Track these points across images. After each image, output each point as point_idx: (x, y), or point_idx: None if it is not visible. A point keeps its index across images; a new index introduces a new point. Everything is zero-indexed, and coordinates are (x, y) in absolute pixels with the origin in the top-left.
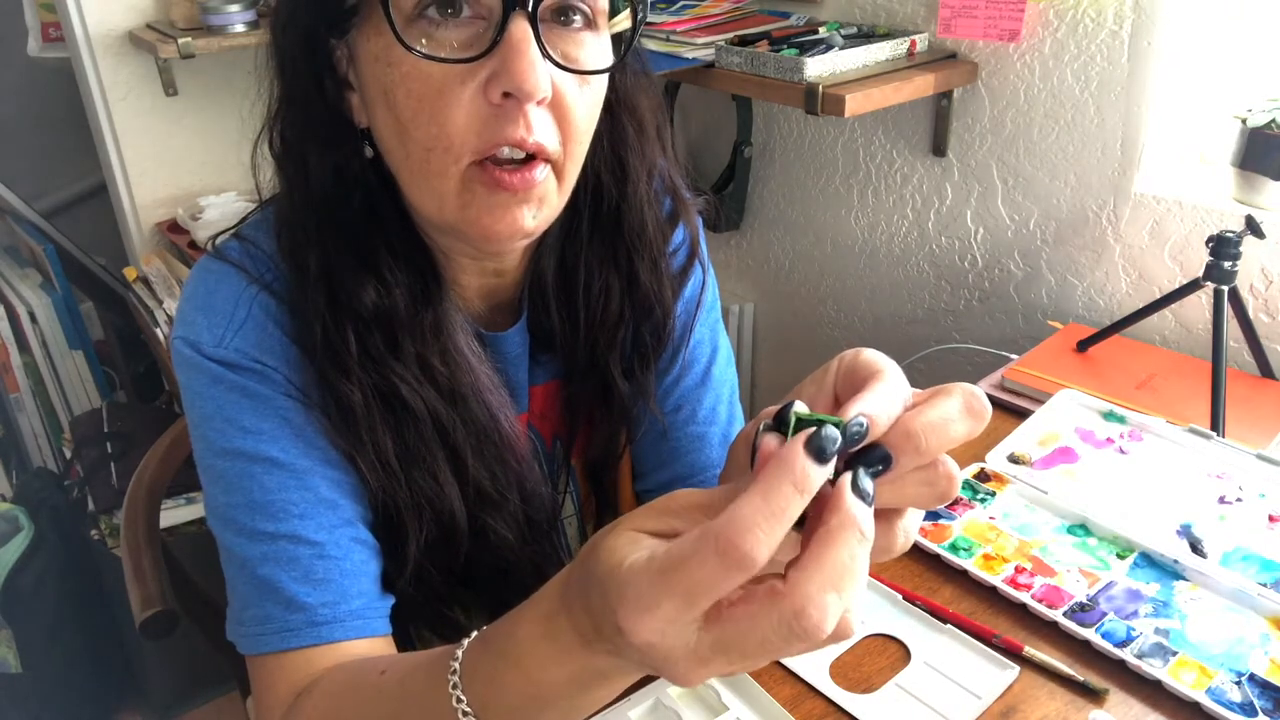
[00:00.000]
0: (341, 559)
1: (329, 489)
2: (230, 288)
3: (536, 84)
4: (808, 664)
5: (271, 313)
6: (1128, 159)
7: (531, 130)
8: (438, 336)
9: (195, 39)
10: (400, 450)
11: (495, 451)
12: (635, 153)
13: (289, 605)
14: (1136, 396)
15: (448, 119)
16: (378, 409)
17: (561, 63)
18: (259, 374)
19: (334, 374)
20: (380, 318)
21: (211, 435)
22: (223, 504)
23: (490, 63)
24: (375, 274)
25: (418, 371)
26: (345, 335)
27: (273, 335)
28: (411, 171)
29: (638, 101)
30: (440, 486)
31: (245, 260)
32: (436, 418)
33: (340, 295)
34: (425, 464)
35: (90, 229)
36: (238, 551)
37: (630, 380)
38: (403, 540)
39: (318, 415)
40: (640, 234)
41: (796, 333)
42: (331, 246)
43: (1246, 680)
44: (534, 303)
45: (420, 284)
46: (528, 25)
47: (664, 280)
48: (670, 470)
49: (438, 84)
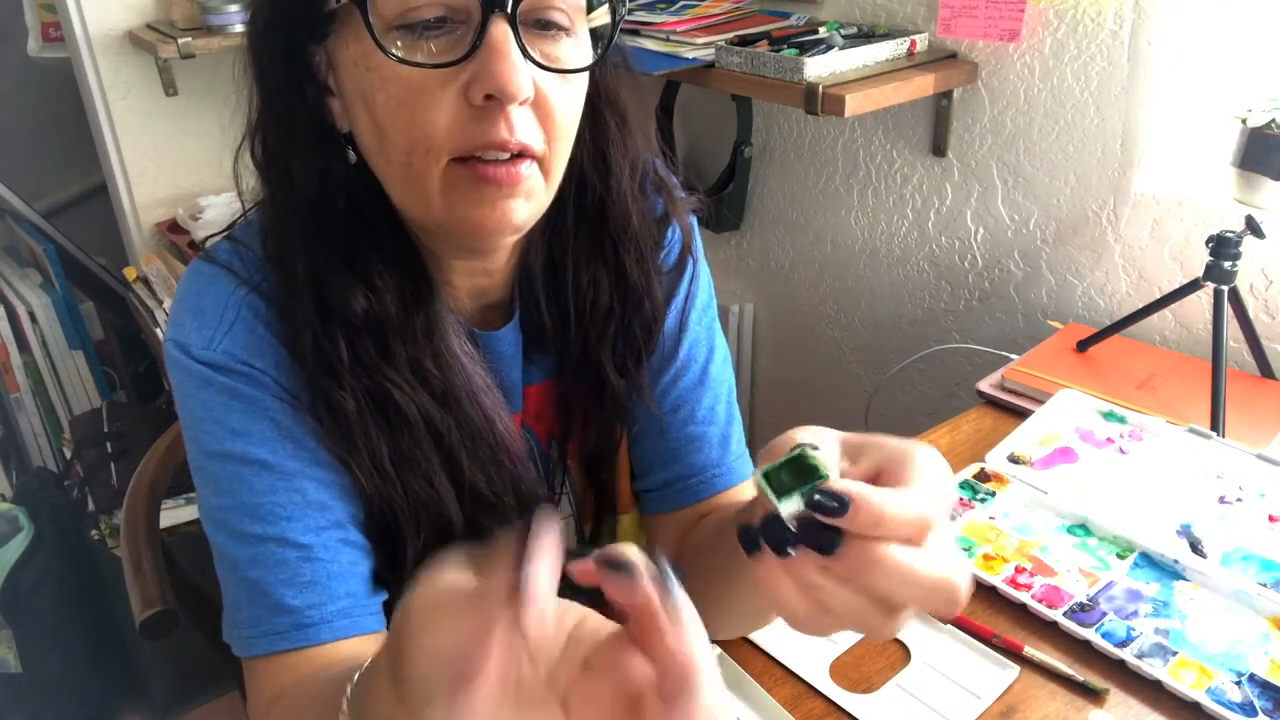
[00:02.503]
0: (329, 561)
1: (317, 490)
2: (219, 290)
3: (519, 85)
4: (808, 664)
5: (261, 314)
6: (1128, 159)
7: (514, 131)
8: (430, 339)
9: (195, 39)
10: (395, 455)
11: (490, 453)
12: (617, 146)
13: (276, 609)
14: (1136, 396)
15: (428, 121)
16: (371, 415)
17: (542, 63)
18: (247, 376)
19: (326, 381)
20: (371, 323)
21: (202, 437)
22: (214, 506)
23: (471, 65)
24: (364, 279)
25: (410, 376)
26: (336, 342)
27: (262, 337)
28: (394, 175)
29: (619, 95)
30: (436, 491)
31: (235, 262)
32: (430, 421)
33: (330, 302)
34: (420, 468)
35: (90, 229)
36: (228, 553)
37: (624, 375)
38: (400, 545)
39: (307, 417)
40: (625, 227)
41: (796, 333)
42: (319, 253)
43: (1246, 680)
44: (524, 300)
45: (410, 286)
46: (508, 27)
47: (652, 274)
48: (670, 470)
49: (418, 87)
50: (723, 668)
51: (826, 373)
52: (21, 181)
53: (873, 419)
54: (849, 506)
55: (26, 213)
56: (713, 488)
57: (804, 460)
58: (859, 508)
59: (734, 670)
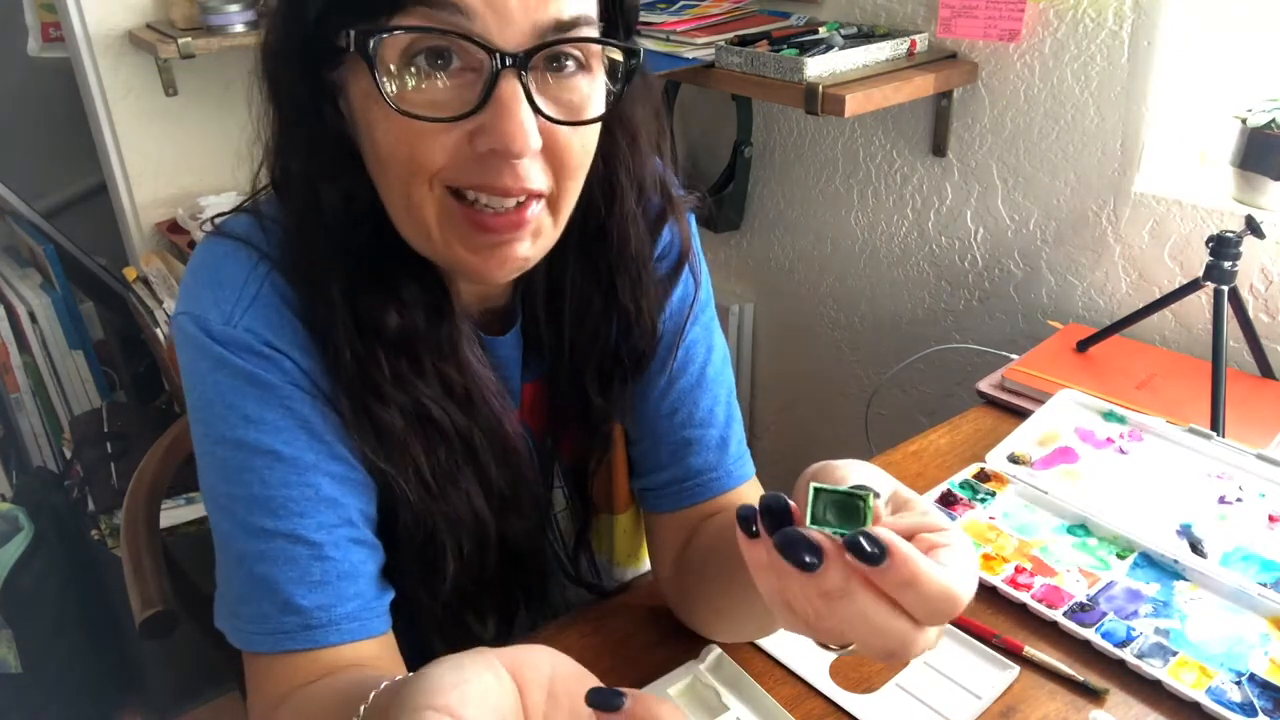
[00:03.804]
0: (339, 560)
1: (331, 485)
2: (239, 264)
3: (525, 145)
4: (808, 664)
5: (284, 293)
6: (1128, 159)
7: (520, 179)
8: (454, 349)
9: (195, 39)
10: (434, 467)
11: (504, 456)
12: (626, 168)
13: (285, 607)
14: (1136, 396)
15: (429, 159)
16: (413, 430)
17: (553, 116)
18: (267, 359)
19: (370, 399)
20: (405, 338)
21: (212, 420)
22: (222, 492)
23: (480, 117)
24: (394, 295)
25: (439, 388)
26: (378, 359)
27: (284, 317)
28: (394, 204)
29: (633, 113)
30: (471, 501)
31: (255, 234)
32: (460, 431)
33: (364, 320)
34: (459, 482)
35: (90, 229)
36: (235, 544)
37: (605, 396)
38: (441, 559)
39: (326, 408)
40: (623, 251)
41: (796, 333)
42: (351, 272)
43: (1246, 680)
44: (526, 308)
45: (432, 299)
46: (518, 84)
47: (645, 298)
48: (668, 472)
49: (420, 130)
50: (722, 668)
51: (826, 373)
52: (21, 181)
53: (873, 419)
54: (885, 559)
55: (26, 213)
56: (711, 490)
57: (860, 504)
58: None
59: (734, 670)
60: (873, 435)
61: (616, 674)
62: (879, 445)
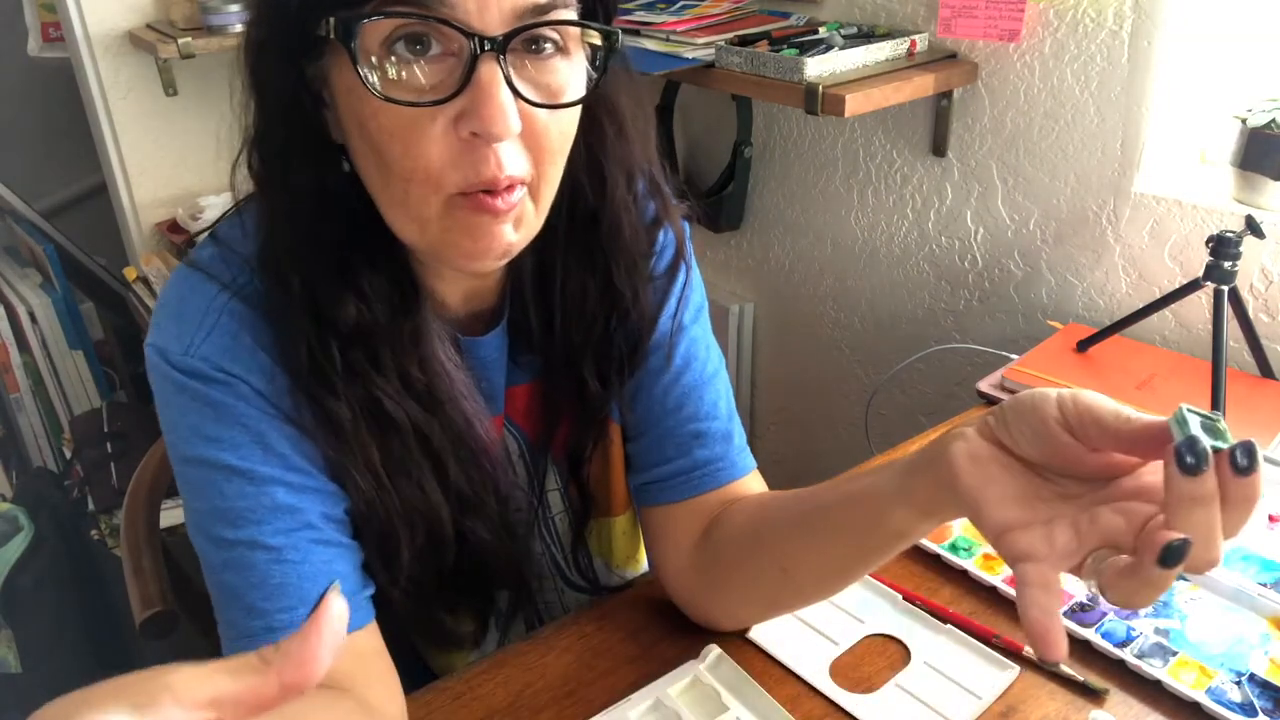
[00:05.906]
0: (300, 563)
1: (288, 494)
2: (201, 296)
3: (505, 128)
4: (808, 664)
5: (243, 320)
6: (1128, 159)
7: (503, 167)
8: (416, 345)
9: (195, 39)
10: (387, 461)
11: (471, 457)
12: (613, 155)
13: (249, 611)
14: (1136, 396)
15: (423, 153)
16: (364, 423)
17: (532, 99)
18: (223, 384)
19: (320, 390)
20: (361, 332)
21: (178, 442)
22: (193, 510)
23: (460, 101)
24: (355, 289)
25: (398, 383)
26: (330, 351)
27: (241, 343)
28: (391, 200)
29: (618, 102)
30: (426, 494)
31: (218, 265)
32: (418, 427)
33: (322, 312)
34: (411, 473)
35: (90, 229)
36: (208, 557)
37: (604, 385)
38: (395, 550)
39: (282, 423)
40: (616, 237)
41: (796, 333)
42: (314, 263)
43: (1246, 680)
44: (514, 305)
45: (398, 294)
46: (497, 67)
47: (640, 286)
48: (675, 464)
49: (409, 120)
50: (722, 668)
51: (826, 372)
52: (21, 181)
53: (873, 419)
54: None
55: (26, 213)
56: (722, 478)
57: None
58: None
59: (734, 670)
60: (873, 435)
61: (616, 674)
62: (879, 445)
